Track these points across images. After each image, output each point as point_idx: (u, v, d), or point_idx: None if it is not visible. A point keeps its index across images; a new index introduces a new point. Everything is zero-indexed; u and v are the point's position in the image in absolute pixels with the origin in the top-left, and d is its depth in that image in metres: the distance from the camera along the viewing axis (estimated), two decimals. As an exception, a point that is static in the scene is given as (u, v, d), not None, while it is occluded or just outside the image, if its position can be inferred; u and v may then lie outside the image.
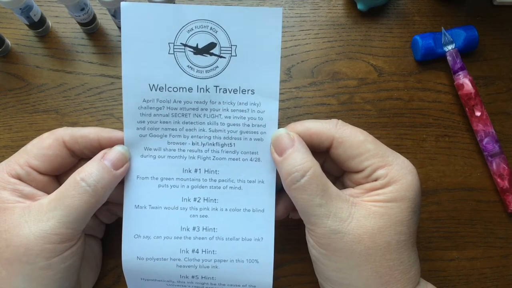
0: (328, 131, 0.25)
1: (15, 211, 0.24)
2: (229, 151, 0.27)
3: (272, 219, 0.27)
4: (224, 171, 0.27)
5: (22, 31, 0.37)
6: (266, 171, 0.27)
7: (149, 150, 0.27)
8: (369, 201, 0.24)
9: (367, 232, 0.23)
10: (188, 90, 0.26)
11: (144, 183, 0.27)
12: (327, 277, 0.25)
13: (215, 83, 0.26)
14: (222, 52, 0.26)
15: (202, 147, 0.27)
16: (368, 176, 0.25)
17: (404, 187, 0.24)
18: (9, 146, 0.35)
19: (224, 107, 0.26)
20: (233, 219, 0.27)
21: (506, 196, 0.35)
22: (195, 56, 0.26)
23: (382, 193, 0.24)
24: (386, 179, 0.24)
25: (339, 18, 0.39)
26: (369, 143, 0.25)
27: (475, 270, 0.34)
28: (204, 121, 0.26)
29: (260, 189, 0.27)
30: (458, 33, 0.37)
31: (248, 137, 0.26)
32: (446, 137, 0.36)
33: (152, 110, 0.26)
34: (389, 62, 0.38)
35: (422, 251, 0.34)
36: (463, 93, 0.36)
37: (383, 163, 0.24)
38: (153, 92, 0.26)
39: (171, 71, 0.26)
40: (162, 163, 0.27)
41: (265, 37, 0.26)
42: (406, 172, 0.24)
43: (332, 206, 0.23)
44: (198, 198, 0.27)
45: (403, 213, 0.23)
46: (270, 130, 0.26)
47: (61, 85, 0.36)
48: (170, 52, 0.26)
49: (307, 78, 0.37)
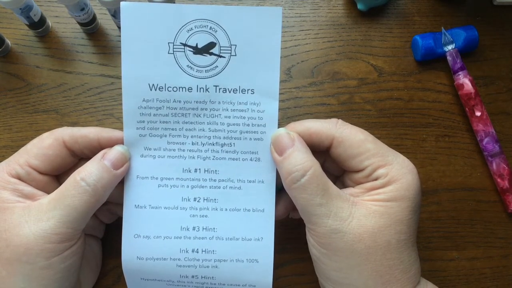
0: (328, 130, 0.25)
1: (15, 210, 0.24)
2: (229, 151, 0.27)
3: (272, 219, 0.27)
4: (224, 171, 0.27)
5: (22, 31, 0.37)
6: (266, 171, 0.27)
7: (149, 150, 0.27)
8: (370, 200, 0.24)
9: (368, 232, 0.23)
10: (188, 89, 0.26)
11: (144, 183, 0.27)
12: (328, 277, 0.25)
13: (215, 83, 0.26)
14: (222, 52, 0.26)
15: (202, 147, 0.27)
16: (369, 175, 0.25)
17: (404, 186, 0.24)
18: (9, 146, 0.35)
19: (224, 107, 0.26)
20: (233, 219, 0.27)
21: (506, 196, 0.35)
22: (194, 55, 0.26)
23: (382, 192, 0.24)
24: (386, 178, 0.24)
25: (339, 18, 0.39)
26: (369, 143, 0.25)
27: (475, 270, 0.34)
28: (204, 121, 0.26)
29: (260, 189, 0.27)
30: (458, 33, 0.37)
31: (248, 137, 0.26)
32: (446, 137, 0.36)
33: (152, 110, 0.26)
34: (389, 62, 0.38)
35: (422, 251, 0.34)
36: (463, 93, 0.36)
37: (383, 163, 0.24)
38: (153, 91, 0.26)
39: (171, 71, 0.26)
40: (162, 163, 0.27)
41: (265, 37, 0.26)
42: (406, 171, 0.24)
43: (332, 205, 0.23)
44: (198, 198, 0.27)
45: (404, 212, 0.23)
46: (270, 130, 0.26)
47: (61, 85, 0.36)
48: (169, 51, 0.26)
49: (307, 78, 0.37)
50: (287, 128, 0.26)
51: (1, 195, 0.24)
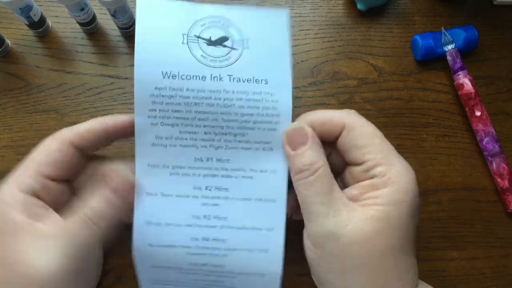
0: (340, 118, 0.25)
1: (25, 237, 0.22)
2: (242, 140, 0.26)
3: (283, 209, 0.27)
4: (236, 160, 0.27)
5: (22, 31, 0.37)
6: (278, 161, 0.26)
7: (160, 139, 0.26)
8: (367, 204, 0.24)
9: (364, 236, 0.23)
10: (202, 78, 0.26)
11: (155, 171, 0.26)
12: (323, 280, 0.25)
13: (229, 72, 0.26)
14: (235, 45, 0.26)
15: (214, 136, 0.26)
16: (368, 170, 0.24)
17: (402, 189, 0.23)
18: (9, 146, 0.35)
19: (237, 97, 0.26)
20: (244, 209, 0.27)
21: (506, 196, 0.35)
22: (208, 46, 0.26)
23: (379, 195, 0.24)
24: (383, 178, 0.24)
25: (339, 18, 0.39)
26: (377, 137, 0.25)
27: (475, 270, 0.34)
28: (217, 111, 0.26)
29: (272, 178, 0.27)
30: (458, 33, 0.37)
31: (261, 127, 0.26)
32: (446, 137, 0.36)
33: (164, 98, 0.26)
34: (389, 62, 0.38)
35: (422, 251, 0.34)
36: (463, 93, 0.36)
37: (384, 161, 0.24)
38: (166, 79, 0.25)
39: (185, 60, 0.26)
40: (174, 151, 0.26)
41: (275, 34, 0.27)
42: (404, 175, 0.24)
43: (332, 207, 0.23)
44: (210, 187, 0.27)
45: (401, 217, 0.23)
46: (284, 120, 0.26)
47: (61, 85, 0.36)
48: (183, 42, 0.26)
49: (307, 78, 0.37)
50: (300, 120, 0.26)
51: (10, 216, 0.22)
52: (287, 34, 0.27)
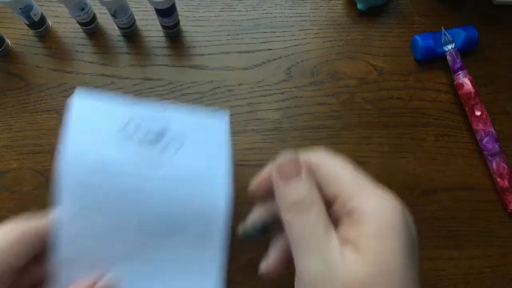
0: (307, 159, 0.24)
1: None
2: (174, 231, 0.26)
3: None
4: (163, 259, 0.26)
5: (22, 31, 0.37)
6: (212, 252, 0.26)
7: (87, 228, 0.25)
8: (356, 244, 0.21)
9: (357, 281, 0.20)
10: (132, 176, 0.25)
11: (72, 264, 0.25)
12: None
13: (162, 171, 0.26)
14: (171, 142, 0.26)
15: (146, 225, 0.26)
16: (343, 206, 0.22)
17: (384, 225, 0.21)
18: (9, 145, 0.35)
19: (172, 187, 0.26)
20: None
21: (506, 196, 0.35)
22: (144, 139, 0.26)
23: (361, 233, 0.21)
24: (359, 213, 0.21)
25: (339, 17, 0.39)
26: (347, 170, 0.23)
27: (474, 269, 0.34)
28: (146, 209, 0.26)
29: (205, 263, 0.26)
30: (458, 33, 0.37)
31: (192, 230, 0.26)
32: (446, 137, 0.36)
33: (93, 188, 0.25)
34: (389, 62, 0.38)
35: (422, 250, 0.34)
36: (463, 93, 0.36)
37: (357, 194, 0.22)
38: (97, 166, 0.25)
39: (116, 157, 0.25)
40: (95, 245, 0.26)
41: (212, 137, 0.27)
42: (385, 208, 0.21)
43: (325, 246, 0.21)
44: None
45: (394, 257, 0.20)
46: (217, 222, 0.26)
47: (61, 85, 0.36)
48: (116, 139, 0.26)
49: (307, 78, 0.37)
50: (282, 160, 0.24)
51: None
52: (226, 137, 0.27)
